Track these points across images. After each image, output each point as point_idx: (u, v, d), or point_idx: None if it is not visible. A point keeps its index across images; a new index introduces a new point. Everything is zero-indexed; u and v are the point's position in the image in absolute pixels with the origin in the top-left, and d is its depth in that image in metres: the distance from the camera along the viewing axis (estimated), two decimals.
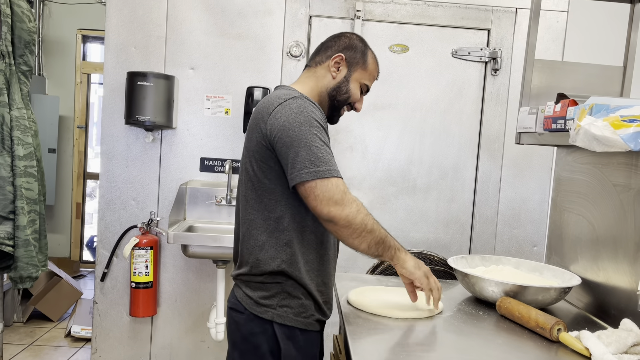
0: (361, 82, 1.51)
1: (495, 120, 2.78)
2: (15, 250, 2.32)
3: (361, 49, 1.51)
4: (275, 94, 1.39)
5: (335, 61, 1.48)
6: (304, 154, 1.26)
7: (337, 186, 1.26)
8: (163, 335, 2.78)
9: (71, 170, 4.90)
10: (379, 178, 2.79)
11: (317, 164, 1.26)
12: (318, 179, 1.25)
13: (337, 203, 1.26)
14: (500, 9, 2.73)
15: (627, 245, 1.45)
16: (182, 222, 2.65)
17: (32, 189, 2.37)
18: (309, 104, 1.34)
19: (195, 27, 2.68)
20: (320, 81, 1.49)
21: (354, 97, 1.51)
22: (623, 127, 1.15)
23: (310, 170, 1.25)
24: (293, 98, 1.34)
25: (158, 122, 2.55)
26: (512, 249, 2.81)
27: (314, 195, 1.26)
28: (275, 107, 1.33)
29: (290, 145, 1.27)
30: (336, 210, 1.26)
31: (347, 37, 1.52)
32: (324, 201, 1.26)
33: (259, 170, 1.36)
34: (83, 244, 5.08)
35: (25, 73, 2.41)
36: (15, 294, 3.72)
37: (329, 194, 1.25)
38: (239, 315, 1.42)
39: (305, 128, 1.28)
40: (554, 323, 1.28)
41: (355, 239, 1.30)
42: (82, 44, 4.84)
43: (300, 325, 1.39)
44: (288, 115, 1.30)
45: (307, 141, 1.27)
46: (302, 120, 1.29)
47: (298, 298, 1.39)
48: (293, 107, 1.31)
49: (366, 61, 1.51)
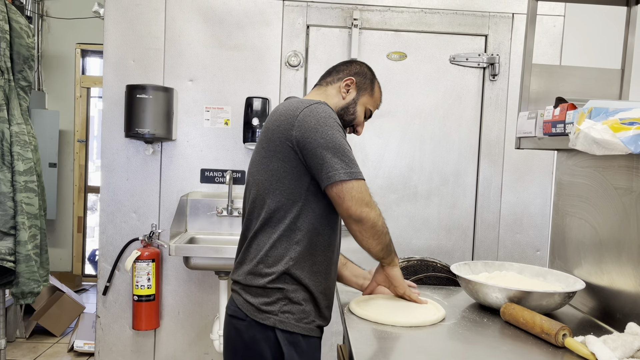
0: (366, 107, 1.61)
1: (495, 126, 2.78)
2: (17, 265, 2.32)
3: (370, 77, 1.62)
4: (297, 100, 1.44)
5: (346, 83, 1.57)
6: (340, 155, 1.33)
7: (366, 188, 1.36)
8: (166, 348, 2.77)
9: (72, 184, 4.90)
10: (379, 185, 2.79)
11: (351, 166, 1.34)
12: (354, 179, 1.32)
13: (368, 205, 1.35)
14: (497, 14, 2.74)
15: (631, 248, 1.44)
16: (183, 234, 2.64)
17: (32, 204, 2.37)
18: (332, 110, 1.41)
19: (194, 39, 2.69)
20: (330, 99, 1.56)
21: (359, 120, 1.61)
22: (623, 130, 1.14)
23: (347, 171, 1.32)
24: (318, 103, 1.40)
25: (158, 134, 2.55)
26: (515, 254, 2.80)
27: (350, 196, 1.32)
28: (302, 109, 1.37)
29: (326, 147, 1.33)
30: (368, 210, 1.34)
31: (359, 65, 1.63)
32: (359, 201, 1.33)
33: (282, 170, 1.39)
34: (85, 258, 5.07)
35: (25, 88, 2.42)
36: (17, 310, 3.71)
37: (362, 195, 1.33)
38: (240, 323, 1.42)
39: (337, 132, 1.36)
40: (559, 328, 1.27)
41: (375, 240, 1.40)
42: (81, 58, 4.86)
43: (302, 331, 1.40)
44: (318, 119, 1.35)
45: (340, 144, 1.34)
46: (331, 124, 1.36)
47: (299, 304, 1.40)
48: (320, 111, 1.37)
49: (374, 88, 1.62)
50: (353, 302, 1.56)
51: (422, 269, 2.03)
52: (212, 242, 2.61)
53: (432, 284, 1.97)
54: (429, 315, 1.45)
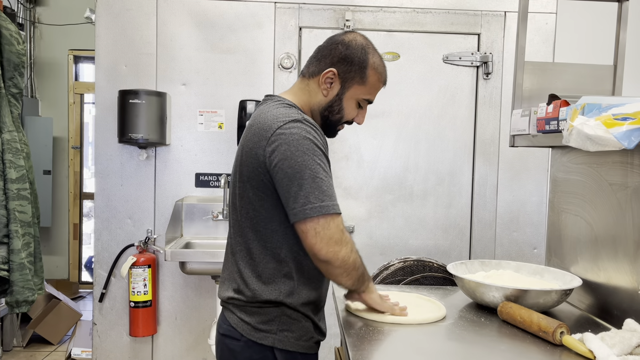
0: (358, 99, 1.37)
1: (489, 124, 2.77)
2: (11, 274, 2.30)
3: (359, 60, 1.33)
4: (272, 112, 1.28)
5: (326, 77, 1.33)
6: (308, 186, 1.18)
7: (337, 225, 1.20)
8: (164, 354, 2.75)
9: (67, 191, 4.88)
10: (375, 186, 2.78)
11: (322, 199, 1.18)
12: (322, 215, 1.18)
13: (337, 243, 1.20)
14: (489, 13, 2.74)
15: (627, 244, 1.44)
16: (179, 239, 2.63)
17: (25, 212, 2.35)
18: (310, 127, 1.24)
19: (186, 42, 2.68)
20: (313, 97, 1.36)
21: (348, 116, 1.38)
22: (616, 126, 1.14)
23: (314, 205, 1.17)
24: (293, 121, 1.23)
25: (151, 139, 2.54)
26: (512, 252, 2.79)
27: (314, 233, 1.19)
28: (274, 131, 1.22)
29: (293, 177, 1.18)
30: (335, 250, 1.20)
31: (345, 45, 1.33)
32: (325, 240, 1.19)
33: (255, 198, 1.27)
34: (81, 265, 5.04)
35: (16, 95, 2.40)
36: (14, 318, 3.69)
37: (330, 233, 1.19)
38: (234, 343, 1.33)
39: (309, 157, 1.19)
40: (556, 326, 1.26)
41: (345, 277, 1.28)
42: (73, 65, 4.85)
43: (302, 349, 1.33)
44: (289, 143, 1.20)
45: (311, 172, 1.18)
46: (304, 148, 1.19)
47: (298, 321, 1.33)
48: (294, 133, 1.21)
49: (365, 75, 1.34)
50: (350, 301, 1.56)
51: (418, 270, 2.02)
52: (208, 247, 2.59)
53: (429, 284, 1.97)
54: (429, 314, 1.44)
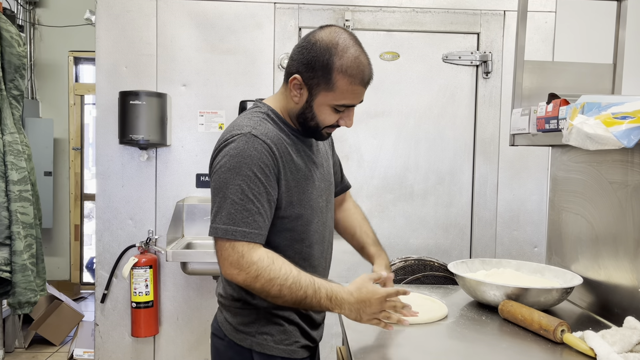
0: (332, 105, 1.24)
1: (489, 123, 2.78)
2: (13, 275, 2.31)
3: (322, 65, 1.20)
4: (233, 123, 1.29)
5: (292, 84, 1.25)
6: (217, 206, 1.19)
7: (233, 248, 1.17)
8: (166, 354, 2.75)
9: (68, 192, 4.89)
10: (375, 186, 2.79)
11: (226, 222, 1.17)
12: (219, 238, 1.18)
13: (233, 266, 1.17)
14: (488, 12, 2.74)
15: (627, 243, 1.44)
16: (180, 240, 2.64)
17: (27, 214, 2.36)
18: (258, 144, 1.19)
19: (186, 43, 2.69)
20: (288, 103, 1.31)
21: (325, 122, 1.28)
22: (615, 125, 1.15)
23: (217, 227, 1.18)
24: (240, 135, 1.21)
25: (152, 140, 2.55)
26: (513, 251, 2.80)
27: (219, 252, 1.20)
28: (220, 144, 1.24)
29: (213, 192, 1.22)
30: (232, 273, 1.18)
31: (309, 48, 1.22)
32: (221, 260, 1.20)
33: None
34: (83, 266, 5.05)
35: (17, 97, 2.41)
36: (16, 320, 3.69)
37: (225, 255, 1.18)
38: (219, 341, 1.36)
39: (231, 176, 1.18)
40: (557, 324, 1.27)
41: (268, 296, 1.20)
42: (74, 66, 4.85)
43: (282, 353, 1.30)
44: (223, 158, 1.20)
45: (225, 193, 1.18)
46: (232, 165, 1.18)
47: (279, 325, 1.31)
48: (232, 148, 1.19)
49: (330, 80, 1.20)
50: None
51: (419, 269, 2.03)
52: (209, 247, 2.60)
53: (430, 284, 1.97)
54: (431, 313, 1.45)
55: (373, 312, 1.21)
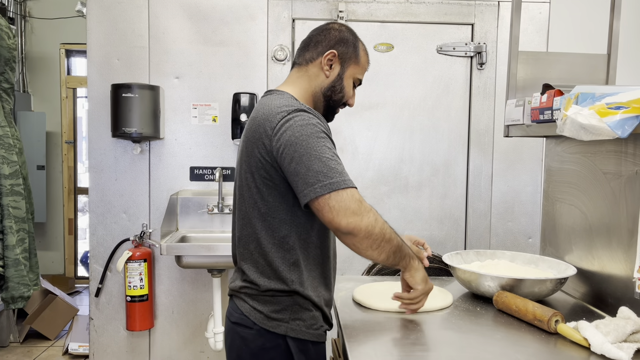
0: (354, 77, 1.45)
1: (484, 115, 2.77)
2: (6, 270, 2.29)
3: (352, 41, 1.43)
4: (275, 104, 1.31)
5: (327, 58, 1.40)
6: (316, 167, 1.20)
7: (352, 196, 1.20)
8: (161, 347, 2.75)
9: (61, 186, 4.86)
10: (370, 178, 2.78)
11: (331, 176, 1.19)
12: (333, 191, 1.18)
13: (355, 213, 1.19)
14: (482, 3, 2.73)
15: (621, 233, 1.45)
16: (174, 233, 2.63)
17: (19, 208, 2.34)
18: (312, 116, 1.28)
19: (178, 36, 2.66)
20: (314, 81, 1.42)
21: (348, 95, 1.45)
22: (609, 115, 1.14)
23: (324, 183, 1.19)
24: (296, 111, 1.27)
25: (145, 133, 2.53)
26: (508, 242, 2.81)
27: (328, 208, 1.19)
28: (279, 121, 1.26)
29: (300, 161, 1.21)
30: (355, 220, 1.19)
31: (337, 30, 1.43)
32: (341, 212, 1.19)
33: (264, 187, 1.29)
34: (77, 260, 5.03)
35: (7, 90, 2.38)
36: (10, 314, 3.68)
37: (345, 205, 1.19)
38: (246, 331, 1.34)
39: (313, 140, 1.23)
40: (551, 315, 1.27)
41: (375, 250, 1.25)
42: (66, 59, 4.80)
43: (312, 337, 1.34)
44: (294, 130, 1.23)
45: (317, 154, 1.21)
46: (308, 132, 1.23)
47: (309, 310, 1.34)
48: (298, 121, 1.25)
49: (358, 55, 1.44)
50: (356, 291, 1.60)
51: None
52: (203, 240, 2.59)
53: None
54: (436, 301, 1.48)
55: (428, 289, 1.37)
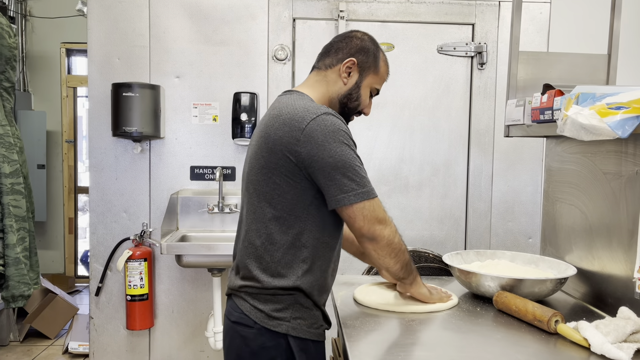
0: (372, 87, 1.47)
1: (484, 115, 2.77)
2: (6, 269, 2.29)
3: (373, 51, 1.45)
4: (299, 104, 1.32)
5: (347, 66, 1.42)
6: (350, 175, 1.27)
7: (379, 206, 1.31)
8: (161, 347, 2.75)
9: (62, 185, 4.86)
10: (371, 177, 2.71)
11: (363, 185, 1.28)
12: (366, 200, 1.28)
13: (381, 222, 1.30)
14: (483, 3, 2.73)
15: (621, 233, 1.45)
16: (175, 232, 2.63)
17: (20, 207, 2.34)
18: (340, 121, 1.31)
19: (179, 35, 2.66)
20: (331, 87, 1.44)
21: (364, 104, 1.47)
22: (610, 115, 1.14)
23: (357, 192, 1.27)
24: (325, 114, 1.29)
25: (145, 132, 2.53)
26: (508, 242, 2.81)
27: (362, 216, 1.28)
28: (308, 122, 1.27)
29: (335, 166, 1.26)
30: (381, 229, 1.30)
31: (359, 39, 1.45)
32: (372, 220, 1.29)
33: (284, 184, 1.30)
34: (77, 259, 5.03)
35: (8, 89, 2.38)
36: (10, 313, 3.68)
37: (375, 214, 1.29)
38: (246, 330, 1.35)
39: (346, 149, 1.28)
40: (551, 315, 1.27)
41: (393, 259, 1.35)
42: (66, 58, 4.81)
43: (313, 336, 1.36)
44: (326, 134, 1.26)
45: (350, 163, 1.27)
46: (340, 138, 1.28)
47: (310, 309, 1.36)
48: (328, 125, 1.27)
49: (378, 65, 1.46)
50: (357, 291, 1.59)
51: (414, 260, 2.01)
52: (203, 240, 2.59)
53: (424, 275, 1.97)
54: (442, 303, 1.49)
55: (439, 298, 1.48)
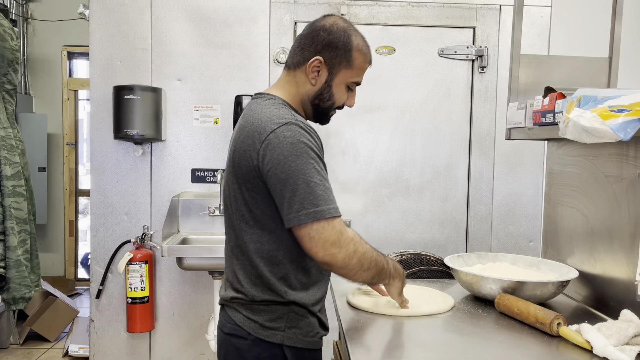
0: (347, 82, 1.34)
1: (485, 118, 2.78)
2: (7, 271, 2.29)
3: (343, 44, 1.30)
4: (265, 112, 1.25)
5: (313, 65, 1.30)
6: (302, 192, 1.16)
7: (333, 227, 1.18)
8: (162, 350, 2.75)
9: (62, 187, 4.86)
10: (372, 181, 2.78)
11: (316, 204, 1.16)
12: (315, 220, 1.16)
13: (334, 245, 1.18)
14: (484, 6, 2.74)
15: (622, 236, 1.45)
16: (175, 235, 2.63)
17: (21, 209, 2.34)
18: (304, 130, 1.22)
19: (181, 38, 2.67)
20: (301, 88, 1.33)
21: (339, 102, 1.36)
22: (612, 118, 1.14)
23: (308, 211, 1.16)
24: (286, 124, 1.21)
25: (147, 135, 2.53)
26: (509, 245, 2.80)
27: (309, 238, 1.18)
28: (267, 135, 1.20)
29: (286, 182, 1.17)
30: (332, 253, 1.19)
31: (327, 31, 1.30)
32: (320, 243, 1.18)
33: (251, 200, 1.25)
34: (78, 262, 5.03)
35: (10, 92, 2.39)
36: (10, 316, 3.68)
37: (325, 236, 1.17)
38: (241, 341, 1.30)
39: (302, 161, 1.18)
40: (553, 317, 1.27)
41: (352, 277, 1.28)
42: (67, 61, 4.81)
43: (309, 345, 1.33)
44: (282, 148, 1.18)
45: (305, 177, 1.17)
46: (298, 152, 1.18)
47: (305, 318, 1.32)
48: (287, 137, 1.19)
49: (351, 58, 1.31)
50: (350, 294, 1.57)
51: (415, 263, 2.03)
52: (204, 242, 2.59)
53: (426, 278, 1.97)
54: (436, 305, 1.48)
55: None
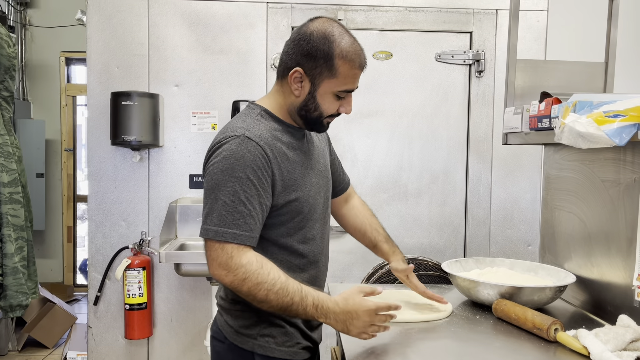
0: (334, 92, 1.26)
1: (482, 122, 2.78)
2: (4, 278, 2.29)
3: (323, 53, 1.22)
4: (230, 124, 1.29)
5: (294, 77, 1.25)
6: (209, 207, 1.19)
7: (222, 249, 1.17)
8: (160, 356, 2.74)
9: (60, 193, 4.85)
10: (370, 185, 2.78)
11: (214, 222, 1.18)
12: (209, 239, 1.19)
13: (220, 267, 1.18)
14: (481, 11, 2.74)
15: (619, 241, 1.45)
16: (173, 241, 2.62)
17: (18, 216, 2.34)
18: (252, 146, 1.20)
19: (178, 44, 2.67)
20: (287, 98, 1.30)
21: (328, 111, 1.29)
22: (607, 123, 1.15)
23: (204, 227, 1.19)
24: (233, 137, 1.21)
25: (144, 141, 2.53)
26: (507, 250, 2.80)
27: (207, 254, 1.21)
28: (213, 147, 1.24)
29: (205, 193, 1.22)
30: (220, 274, 1.18)
31: (306, 40, 1.23)
32: (209, 261, 1.20)
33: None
34: (76, 268, 5.02)
35: (7, 99, 2.39)
36: (8, 322, 3.66)
37: (214, 255, 1.19)
38: (219, 345, 1.35)
39: (224, 177, 1.18)
40: (550, 323, 1.27)
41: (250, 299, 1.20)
42: (65, 67, 4.82)
43: (284, 355, 1.30)
44: (215, 161, 1.21)
45: (216, 194, 1.18)
46: (225, 167, 1.18)
47: (281, 326, 1.30)
48: (226, 149, 1.20)
49: (333, 67, 1.23)
50: None
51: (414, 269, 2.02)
52: (202, 248, 2.58)
53: (424, 283, 1.96)
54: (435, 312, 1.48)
55: (362, 325, 1.18)
